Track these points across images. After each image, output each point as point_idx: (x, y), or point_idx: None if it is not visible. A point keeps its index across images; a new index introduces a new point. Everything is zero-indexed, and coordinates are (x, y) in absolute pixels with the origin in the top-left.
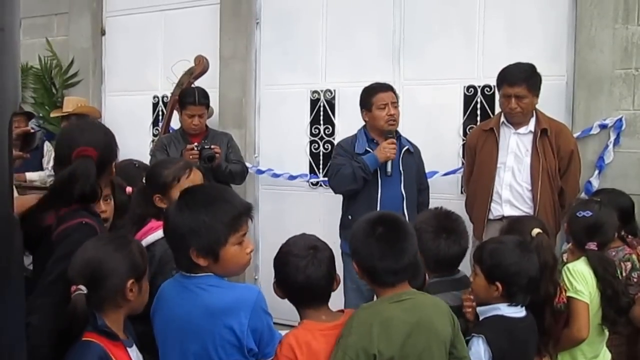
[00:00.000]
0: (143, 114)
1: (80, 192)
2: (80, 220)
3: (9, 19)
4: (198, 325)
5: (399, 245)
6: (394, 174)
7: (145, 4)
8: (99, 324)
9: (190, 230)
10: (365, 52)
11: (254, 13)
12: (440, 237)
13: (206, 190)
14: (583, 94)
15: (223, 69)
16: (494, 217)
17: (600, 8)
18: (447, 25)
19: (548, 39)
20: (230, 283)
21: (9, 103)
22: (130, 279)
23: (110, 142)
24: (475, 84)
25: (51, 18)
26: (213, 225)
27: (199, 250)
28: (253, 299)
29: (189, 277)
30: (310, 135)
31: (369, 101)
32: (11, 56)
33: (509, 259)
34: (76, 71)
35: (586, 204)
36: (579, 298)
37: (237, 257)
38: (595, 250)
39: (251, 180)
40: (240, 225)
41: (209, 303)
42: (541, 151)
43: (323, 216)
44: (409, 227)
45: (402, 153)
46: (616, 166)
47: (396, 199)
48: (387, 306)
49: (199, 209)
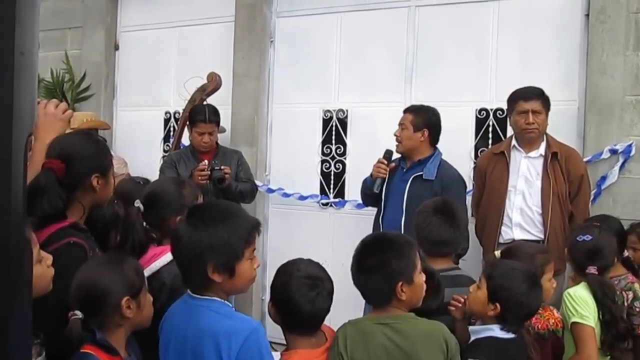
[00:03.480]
0: (154, 129)
1: (39, 207)
2: (68, 239)
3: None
4: (194, 346)
5: (371, 272)
6: (396, 197)
7: (159, 20)
8: (97, 338)
9: (209, 246)
10: (378, 73)
11: (268, 32)
12: (431, 216)
13: (217, 206)
14: (594, 119)
15: (236, 86)
16: (504, 241)
17: (611, 35)
18: (460, 48)
19: (560, 64)
20: (232, 312)
21: (25, 125)
22: (125, 296)
23: (88, 154)
24: (488, 107)
25: (65, 32)
26: (231, 240)
27: (217, 266)
28: (248, 331)
29: (195, 298)
30: (321, 154)
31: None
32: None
33: (517, 288)
34: (88, 85)
35: (586, 229)
36: (586, 323)
37: (249, 272)
38: (595, 274)
39: (261, 198)
40: (254, 239)
41: (204, 325)
42: (552, 175)
43: (332, 237)
44: (392, 253)
45: (412, 178)
46: (627, 192)
47: (395, 222)
48: (370, 325)
49: (216, 224)
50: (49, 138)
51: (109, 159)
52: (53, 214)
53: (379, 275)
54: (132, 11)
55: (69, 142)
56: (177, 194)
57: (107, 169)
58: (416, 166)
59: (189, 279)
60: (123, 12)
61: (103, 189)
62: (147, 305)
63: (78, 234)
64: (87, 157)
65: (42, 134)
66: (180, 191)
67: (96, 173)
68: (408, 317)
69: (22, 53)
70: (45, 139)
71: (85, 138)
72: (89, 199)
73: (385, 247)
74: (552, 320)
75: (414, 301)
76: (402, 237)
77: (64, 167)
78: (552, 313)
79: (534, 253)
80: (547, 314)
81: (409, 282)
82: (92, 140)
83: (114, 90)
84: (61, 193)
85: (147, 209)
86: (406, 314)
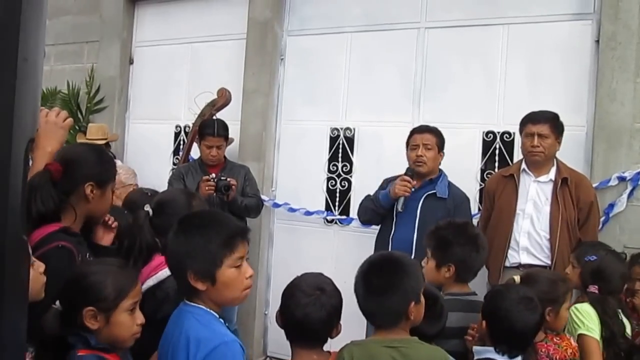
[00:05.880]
0: (165, 142)
1: (32, 204)
2: (57, 243)
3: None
4: (173, 347)
5: (381, 292)
6: (407, 215)
7: (173, 36)
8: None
9: (186, 253)
10: (386, 93)
11: (279, 49)
12: (477, 249)
13: (201, 215)
14: (602, 145)
15: (245, 102)
16: (511, 265)
17: (621, 62)
18: (468, 70)
19: (569, 89)
20: (212, 321)
21: (26, 130)
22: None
23: (87, 162)
24: (495, 130)
25: (82, 45)
26: (207, 247)
27: (195, 273)
28: (217, 342)
29: (186, 304)
30: (328, 171)
31: (407, 141)
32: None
33: (504, 312)
34: (102, 97)
35: (594, 248)
36: (592, 335)
37: (235, 281)
38: (595, 292)
39: (267, 213)
40: (234, 246)
41: (183, 329)
42: (561, 201)
43: (336, 254)
44: (402, 274)
45: (425, 196)
46: (635, 220)
47: (406, 242)
48: (377, 348)
49: (194, 232)
50: (50, 146)
51: (110, 173)
52: (44, 213)
53: (394, 295)
54: (147, 27)
55: (73, 149)
56: (187, 203)
57: (104, 181)
58: (427, 185)
59: (179, 286)
60: (139, 27)
61: (97, 200)
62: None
63: (68, 238)
64: (85, 165)
65: (42, 141)
66: (189, 201)
67: (91, 182)
68: (413, 341)
69: (26, 59)
70: (46, 147)
71: (90, 148)
72: (82, 207)
73: (397, 267)
74: (569, 350)
75: (417, 320)
76: (408, 257)
77: (62, 170)
78: (569, 342)
79: (556, 280)
80: (565, 343)
81: (417, 301)
82: (97, 152)
83: (127, 103)
84: (53, 194)
85: (155, 215)
86: (411, 338)
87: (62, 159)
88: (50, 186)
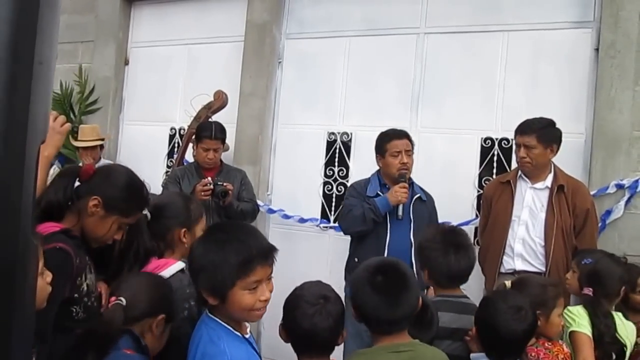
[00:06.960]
0: (159, 144)
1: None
2: (55, 244)
3: (48, 53)
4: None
5: (396, 295)
6: (404, 219)
7: (170, 37)
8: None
9: (200, 267)
10: (384, 98)
11: (277, 53)
12: (449, 252)
13: (226, 229)
14: (601, 153)
15: (242, 105)
16: (505, 271)
17: (620, 70)
18: (467, 76)
19: (568, 97)
20: (221, 336)
21: (39, 132)
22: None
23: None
24: (493, 136)
25: (77, 45)
26: (222, 265)
27: (206, 288)
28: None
29: (206, 314)
30: (324, 176)
31: (383, 147)
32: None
33: (493, 320)
34: (96, 98)
35: (592, 252)
36: (582, 331)
37: (246, 304)
38: (589, 295)
39: (262, 217)
40: (250, 270)
41: (194, 339)
42: (557, 208)
43: (331, 260)
44: (410, 277)
45: (414, 200)
46: (633, 228)
47: (404, 245)
48: (384, 355)
49: (212, 247)
50: (47, 150)
51: (124, 202)
52: (53, 204)
53: (407, 300)
54: (143, 27)
55: (116, 167)
56: (185, 206)
57: (111, 205)
58: (410, 190)
59: (197, 294)
60: (135, 27)
61: (95, 220)
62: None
63: (67, 240)
64: (101, 182)
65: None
66: (187, 204)
67: (98, 197)
68: (417, 344)
69: (41, 63)
70: (42, 151)
71: (129, 177)
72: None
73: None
74: (561, 355)
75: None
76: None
77: (89, 175)
78: (561, 348)
79: (545, 285)
80: (557, 349)
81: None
82: (129, 183)
83: (121, 105)
84: (66, 187)
85: (153, 219)
86: (415, 341)
87: (98, 168)
88: (68, 181)
